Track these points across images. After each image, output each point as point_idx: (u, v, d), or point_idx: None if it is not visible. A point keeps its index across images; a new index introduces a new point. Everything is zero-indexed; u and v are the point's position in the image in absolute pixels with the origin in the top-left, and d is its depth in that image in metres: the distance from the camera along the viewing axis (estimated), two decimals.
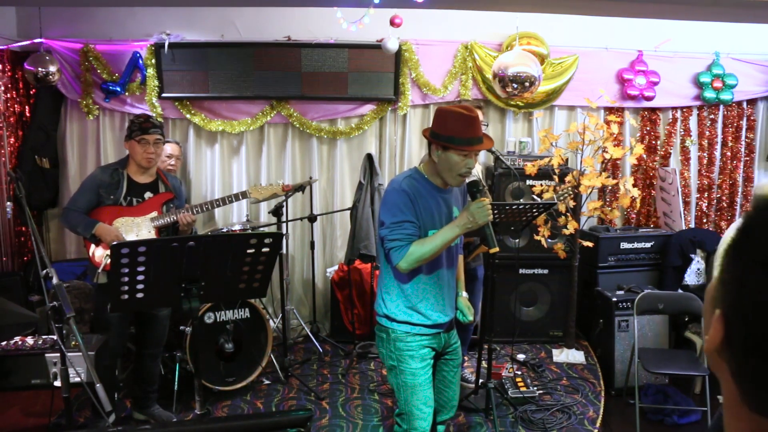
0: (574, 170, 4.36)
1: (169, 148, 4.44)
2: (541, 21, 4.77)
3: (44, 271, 2.13)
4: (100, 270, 3.13)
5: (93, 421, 3.27)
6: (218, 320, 3.71)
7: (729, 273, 0.61)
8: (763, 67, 5.10)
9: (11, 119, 4.66)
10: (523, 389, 3.81)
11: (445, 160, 2.31)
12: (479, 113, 3.55)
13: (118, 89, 4.67)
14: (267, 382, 4.04)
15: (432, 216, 2.36)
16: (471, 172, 2.36)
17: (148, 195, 3.30)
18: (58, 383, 2.63)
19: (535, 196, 4.24)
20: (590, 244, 4.46)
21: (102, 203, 3.21)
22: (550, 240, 4.41)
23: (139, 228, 3.23)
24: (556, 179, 4.43)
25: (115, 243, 2.08)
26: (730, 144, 5.26)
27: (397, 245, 2.28)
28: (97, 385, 1.94)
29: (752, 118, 5.28)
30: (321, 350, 4.58)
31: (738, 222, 0.64)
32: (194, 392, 2.50)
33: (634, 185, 4.78)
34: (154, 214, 3.28)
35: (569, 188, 4.15)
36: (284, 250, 4.52)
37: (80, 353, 2.31)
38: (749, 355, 0.58)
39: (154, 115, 4.69)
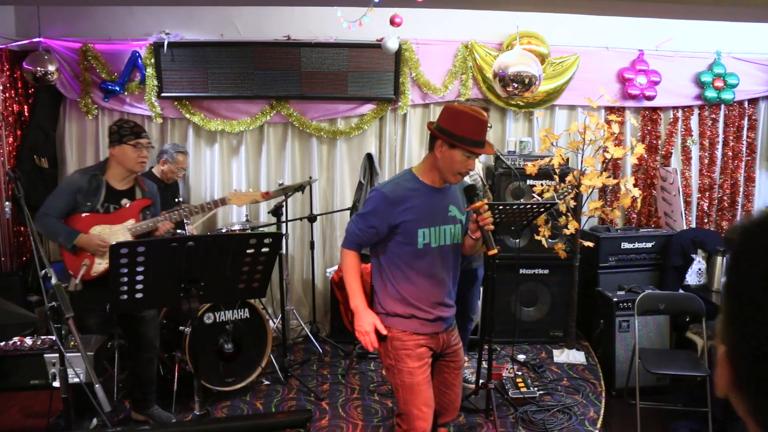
0: (575, 170, 4.36)
1: (183, 160, 4.36)
2: (542, 20, 4.76)
3: (43, 271, 2.11)
4: (77, 280, 3.04)
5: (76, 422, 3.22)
6: (218, 320, 3.70)
7: (727, 309, 0.59)
8: (764, 66, 5.09)
9: (10, 119, 4.65)
10: (524, 390, 3.80)
11: (449, 157, 2.32)
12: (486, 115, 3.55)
13: (117, 89, 4.66)
14: (266, 382, 4.03)
15: (423, 215, 2.35)
16: (469, 172, 2.39)
17: (125, 202, 3.22)
18: (57, 384, 2.61)
19: (536, 196, 4.23)
20: (591, 244, 4.45)
21: (78, 209, 3.12)
22: (550, 240, 4.40)
23: (116, 236, 3.14)
24: (557, 179, 4.42)
25: (114, 243, 2.07)
26: (731, 143, 5.25)
27: (349, 238, 2.44)
28: (96, 385, 1.93)
29: (753, 117, 5.27)
30: (321, 350, 4.57)
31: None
32: (193, 393, 2.50)
33: (635, 185, 4.77)
34: (132, 221, 3.20)
35: (569, 187, 4.14)
36: (284, 250, 4.51)
37: (79, 354, 2.30)
38: (761, 395, 0.55)
39: (153, 114, 4.70)
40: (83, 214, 3.12)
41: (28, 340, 2.88)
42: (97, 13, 4.71)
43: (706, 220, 5.30)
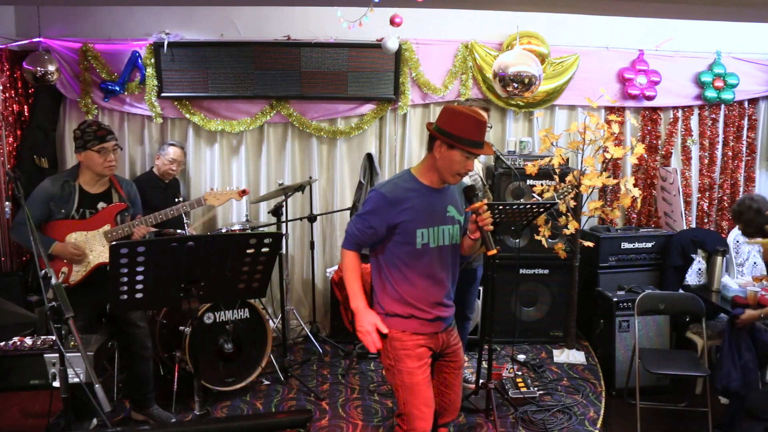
0: (575, 170, 4.36)
1: (173, 153, 4.41)
2: (542, 20, 4.76)
3: (43, 272, 2.11)
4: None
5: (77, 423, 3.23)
6: (218, 320, 3.70)
7: None
8: (764, 66, 5.09)
9: (10, 119, 4.64)
10: (524, 390, 3.80)
11: (447, 158, 2.31)
12: (485, 115, 3.54)
13: (117, 89, 4.65)
14: (266, 382, 4.03)
15: (421, 215, 2.36)
16: (468, 173, 2.39)
17: (101, 205, 3.18)
18: (57, 383, 2.61)
19: (536, 196, 4.23)
20: (591, 244, 4.45)
21: (52, 217, 3.08)
22: (550, 240, 4.40)
23: (92, 243, 3.12)
24: (557, 179, 4.42)
25: (113, 243, 2.07)
26: (731, 143, 5.25)
27: (349, 238, 2.45)
28: (96, 385, 1.93)
29: (753, 117, 5.27)
30: (321, 350, 4.57)
31: None
32: (193, 393, 2.49)
33: (635, 185, 4.77)
34: (107, 227, 3.17)
35: (569, 186, 4.14)
36: (284, 250, 4.51)
37: (79, 354, 2.30)
38: None
39: (153, 114, 4.69)
40: (59, 222, 3.10)
41: (28, 340, 2.88)
42: (97, 13, 4.70)
43: (706, 220, 5.30)
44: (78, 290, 3.10)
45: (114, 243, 2.06)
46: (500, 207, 3.30)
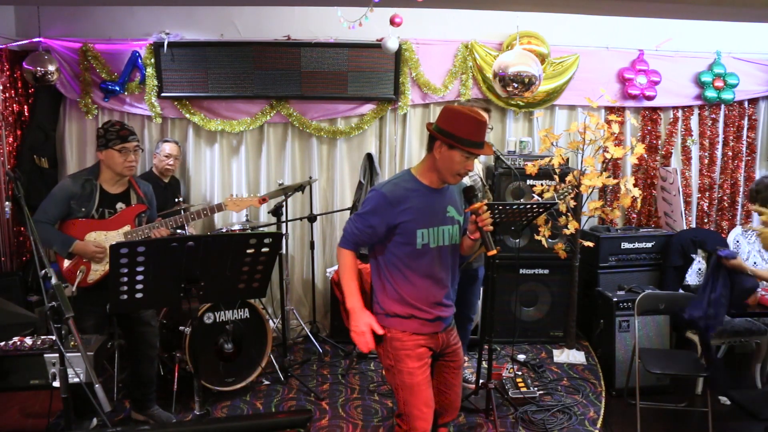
0: (575, 170, 4.36)
1: (168, 148, 4.45)
2: (542, 20, 4.76)
3: (43, 271, 2.10)
4: (73, 287, 3.03)
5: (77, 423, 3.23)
6: (218, 320, 3.70)
7: None
8: (764, 66, 5.09)
9: (10, 119, 4.65)
10: (524, 389, 3.81)
11: (448, 158, 2.31)
12: (486, 117, 3.54)
13: (117, 89, 4.66)
14: (266, 382, 4.03)
15: (422, 215, 2.36)
16: (468, 173, 2.39)
17: (120, 206, 3.19)
18: (56, 383, 2.61)
19: (536, 196, 4.23)
20: (591, 244, 4.45)
21: (72, 215, 3.08)
22: (550, 240, 4.40)
23: (111, 243, 3.14)
24: (557, 179, 4.42)
25: (114, 243, 2.07)
26: (731, 143, 5.25)
27: (347, 237, 2.43)
28: (96, 385, 1.93)
29: (753, 117, 5.27)
30: (321, 350, 4.57)
31: None
32: (193, 393, 2.49)
33: (635, 185, 4.77)
34: (127, 228, 3.17)
35: (569, 187, 4.15)
36: (284, 250, 4.51)
37: (79, 354, 2.30)
38: None
39: (153, 114, 4.68)
40: (78, 220, 3.09)
41: (28, 340, 2.87)
42: (97, 13, 4.71)
43: (706, 220, 5.30)
44: (95, 289, 3.10)
45: (114, 243, 2.07)
46: (500, 207, 3.30)
